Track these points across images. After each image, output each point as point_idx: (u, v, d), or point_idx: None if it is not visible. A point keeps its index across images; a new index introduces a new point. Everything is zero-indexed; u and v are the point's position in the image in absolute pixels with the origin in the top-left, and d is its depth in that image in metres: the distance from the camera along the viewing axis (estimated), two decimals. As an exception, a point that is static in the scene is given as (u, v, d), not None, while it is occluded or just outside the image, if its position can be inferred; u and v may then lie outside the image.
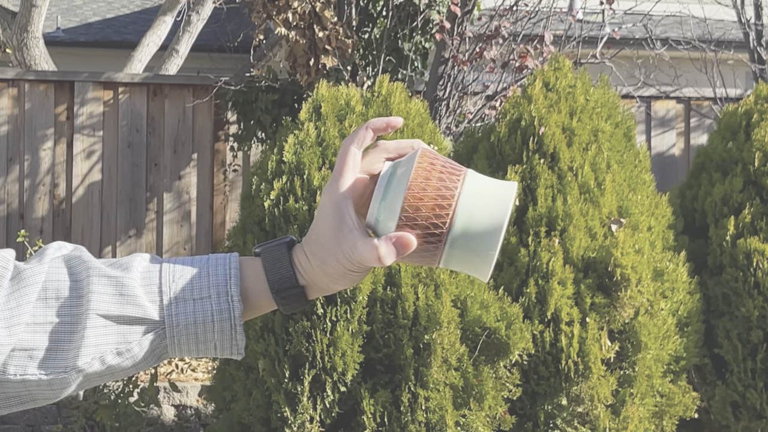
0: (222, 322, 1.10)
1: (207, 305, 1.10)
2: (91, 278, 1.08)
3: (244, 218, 4.79)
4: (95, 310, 1.07)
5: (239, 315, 1.10)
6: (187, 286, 1.11)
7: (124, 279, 1.09)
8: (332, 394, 4.33)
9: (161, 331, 1.09)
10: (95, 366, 1.07)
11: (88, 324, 1.06)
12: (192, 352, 1.12)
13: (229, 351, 1.12)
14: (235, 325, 1.11)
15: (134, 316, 1.08)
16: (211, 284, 1.11)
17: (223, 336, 1.11)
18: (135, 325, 1.08)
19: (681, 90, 7.84)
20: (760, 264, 4.99)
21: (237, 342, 1.12)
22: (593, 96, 5.16)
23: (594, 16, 8.37)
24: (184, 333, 1.10)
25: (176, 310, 1.09)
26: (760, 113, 5.42)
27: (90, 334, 1.06)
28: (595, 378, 4.59)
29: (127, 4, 15.96)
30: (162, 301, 1.09)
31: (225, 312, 1.10)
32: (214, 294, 1.10)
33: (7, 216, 7.25)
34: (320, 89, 4.91)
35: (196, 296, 1.10)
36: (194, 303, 1.10)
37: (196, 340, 1.10)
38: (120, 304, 1.08)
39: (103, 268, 1.09)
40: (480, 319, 4.46)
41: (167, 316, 1.09)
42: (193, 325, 1.10)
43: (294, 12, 6.14)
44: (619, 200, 4.94)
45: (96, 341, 1.06)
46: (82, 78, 7.54)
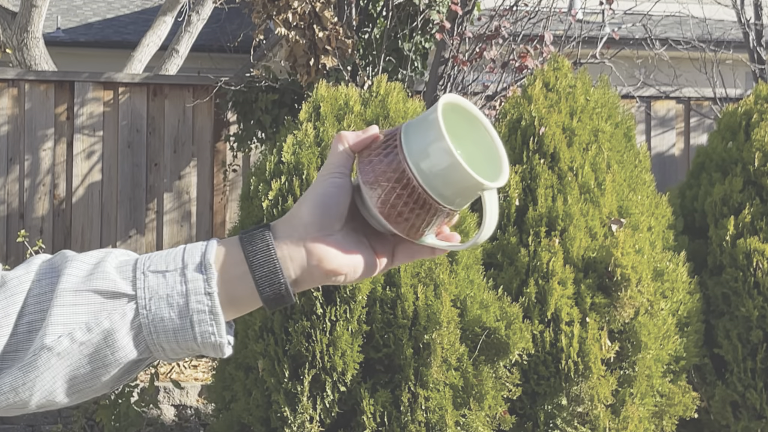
0: (198, 295, 1.06)
1: (178, 277, 1.06)
2: (67, 263, 1.07)
3: (243, 218, 4.79)
4: (63, 289, 1.04)
5: (215, 286, 1.06)
6: (161, 262, 1.08)
7: (99, 263, 1.07)
8: (332, 394, 4.33)
9: (133, 304, 1.05)
10: (64, 343, 1.03)
11: (55, 302, 1.04)
12: (169, 336, 1.06)
13: (211, 337, 1.07)
14: (209, 293, 1.06)
15: (104, 289, 1.05)
16: (187, 257, 1.08)
17: (202, 314, 1.06)
18: (106, 300, 1.05)
19: (681, 90, 7.84)
20: (759, 264, 4.99)
21: (217, 318, 1.06)
22: (593, 96, 5.16)
23: (594, 16, 8.37)
24: (156, 306, 1.05)
25: (148, 283, 1.06)
26: (760, 113, 5.42)
27: (56, 312, 1.03)
28: (595, 378, 4.59)
29: (127, 4, 15.96)
30: (135, 277, 1.06)
31: (199, 281, 1.06)
32: (190, 264, 1.07)
33: (7, 216, 7.25)
34: (319, 89, 4.91)
35: (170, 268, 1.07)
36: (167, 275, 1.07)
37: (171, 319, 1.05)
38: (89, 280, 1.05)
39: (83, 257, 1.08)
40: (480, 318, 4.46)
41: (139, 289, 1.05)
42: (165, 299, 1.06)
43: (294, 12, 6.14)
44: (619, 200, 4.94)
45: (64, 319, 1.03)
46: (82, 78, 7.54)
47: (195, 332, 1.06)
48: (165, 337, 1.06)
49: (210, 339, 1.07)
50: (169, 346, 1.07)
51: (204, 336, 1.07)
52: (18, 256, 6.98)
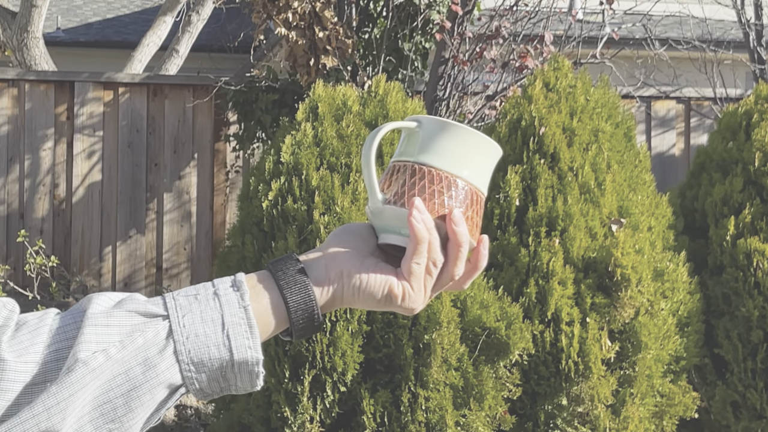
0: (232, 308, 1.05)
1: (210, 295, 1.06)
2: (93, 297, 1.05)
3: (243, 218, 4.79)
4: (93, 313, 1.02)
5: (249, 300, 1.06)
6: (189, 290, 1.07)
7: (126, 296, 1.06)
8: (332, 394, 4.33)
9: (166, 323, 1.03)
10: (99, 359, 0.99)
11: (87, 323, 1.01)
12: (203, 352, 1.03)
13: (248, 351, 1.04)
14: (245, 307, 1.05)
15: (136, 310, 1.03)
16: (217, 282, 1.08)
17: (237, 327, 1.04)
18: (138, 320, 1.03)
19: (681, 90, 7.84)
20: (760, 264, 4.99)
21: (253, 331, 1.05)
22: (593, 96, 5.16)
23: (594, 16, 8.37)
24: (190, 322, 1.03)
25: (179, 303, 1.05)
26: (761, 113, 5.42)
27: (89, 331, 1.01)
28: (595, 378, 4.59)
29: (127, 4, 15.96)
30: (165, 301, 1.05)
31: (231, 294, 1.06)
32: (221, 286, 1.07)
33: (7, 216, 7.25)
34: (317, 89, 4.91)
35: (201, 292, 1.07)
36: (198, 297, 1.06)
37: (206, 334, 1.03)
38: (118, 306, 1.04)
39: (107, 293, 1.06)
40: (480, 319, 4.45)
41: (171, 308, 1.04)
42: (199, 315, 1.04)
43: (294, 12, 6.14)
44: (620, 200, 4.94)
45: (97, 338, 1.00)
46: (83, 78, 7.54)
47: (231, 345, 1.04)
48: (198, 355, 1.03)
49: (246, 353, 1.04)
50: (202, 367, 1.03)
51: (240, 350, 1.04)
52: (18, 256, 6.98)
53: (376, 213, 1.15)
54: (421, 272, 1.12)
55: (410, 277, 1.12)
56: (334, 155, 4.68)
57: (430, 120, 1.15)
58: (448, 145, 1.13)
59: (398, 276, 1.13)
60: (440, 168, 1.13)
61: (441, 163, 1.13)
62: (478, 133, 1.15)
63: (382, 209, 1.14)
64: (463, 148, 1.13)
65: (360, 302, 1.12)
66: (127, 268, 7.36)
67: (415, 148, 1.14)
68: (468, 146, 1.13)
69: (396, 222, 1.13)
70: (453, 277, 1.14)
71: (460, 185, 1.13)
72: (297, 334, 1.10)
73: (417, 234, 1.10)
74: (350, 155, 4.68)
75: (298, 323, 1.09)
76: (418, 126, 1.15)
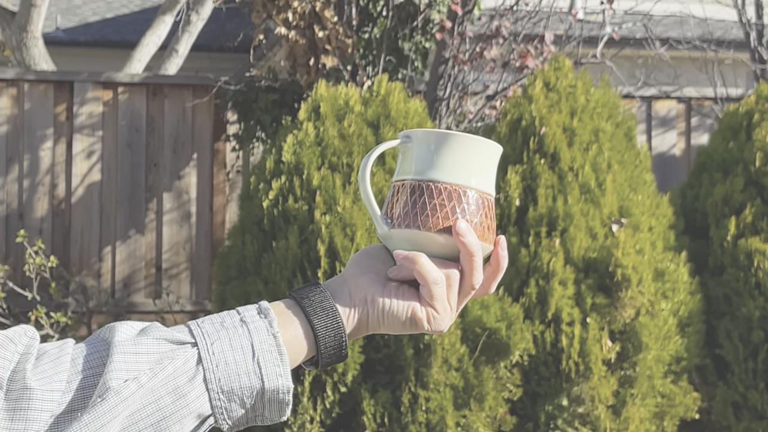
0: (260, 335, 1.03)
1: (238, 322, 1.04)
2: (115, 326, 1.03)
3: (243, 218, 4.78)
4: (121, 341, 1.00)
5: (278, 328, 1.04)
6: (214, 318, 1.05)
7: (149, 325, 1.04)
8: (332, 395, 4.32)
9: (194, 350, 1.01)
10: (131, 388, 0.97)
11: (116, 350, 0.99)
12: (233, 381, 1.01)
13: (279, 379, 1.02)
14: (274, 335, 1.03)
15: (163, 337, 1.01)
16: (242, 310, 1.05)
17: (268, 355, 1.02)
18: (166, 348, 1.00)
19: (682, 90, 7.83)
20: (761, 264, 4.98)
21: (283, 359, 1.02)
22: (594, 96, 5.15)
23: (594, 15, 8.36)
24: (219, 350, 1.01)
25: (206, 330, 1.02)
26: (761, 113, 5.41)
27: (118, 359, 0.98)
28: (595, 378, 4.58)
29: (126, 3, 15.95)
30: (190, 329, 1.03)
31: (259, 321, 1.04)
32: (247, 314, 1.05)
33: (6, 216, 7.24)
34: (319, 89, 4.90)
35: (226, 320, 1.04)
36: (225, 323, 1.03)
37: (236, 361, 1.00)
38: (144, 334, 1.02)
39: (127, 323, 1.04)
40: (480, 319, 4.44)
41: (197, 335, 1.02)
42: (228, 342, 1.01)
43: (294, 12, 6.13)
44: (620, 200, 4.93)
45: (126, 366, 0.98)
46: (82, 78, 7.53)
47: (262, 374, 1.02)
48: (228, 383, 1.01)
49: (277, 382, 1.02)
50: (232, 395, 1.01)
51: (270, 379, 1.02)
52: (17, 257, 6.96)
53: (386, 238, 1.14)
54: (442, 294, 1.11)
55: (432, 301, 1.11)
56: (336, 155, 4.67)
57: (421, 133, 1.13)
58: (443, 155, 1.11)
59: (421, 300, 1.11)
60: (438, 180, 1.11)
61: (439, 175, 1.11)
62: (472, 138, 1.12)
63: (390, 234, 1.12)
64: (460, 155, 1.11)
65: (385, 327, 1.11)
66: (126, 269, 7.35)
67: (411, 164, 1.12)
68: (464, 152, 1.11)
69: (406, 245, 1.11)
70: (474, 286, 1.12)
71: (463, 193, 1.11)
72: (324, 362, 1.08)
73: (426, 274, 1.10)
74: (352, 155, 4.67)
75: (326, 351, 1.07)
76: (408, 141, 1.13)
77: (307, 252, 4.44)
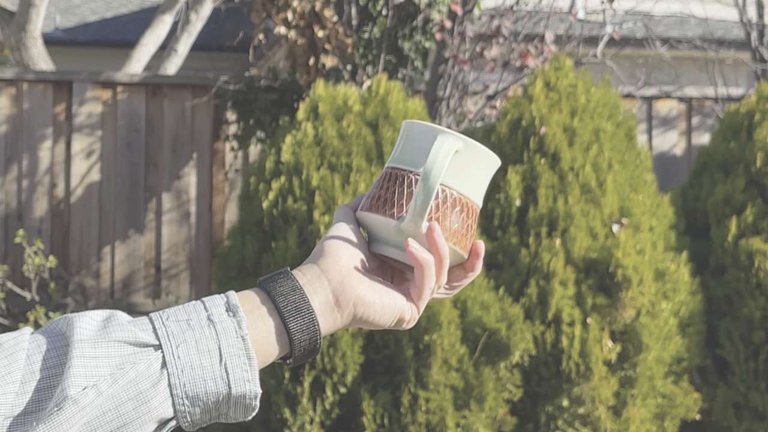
0: (229, 338, 0.98)
1: (205, 322, 0.99)
2: (73, 320, 0.97)
3: (243, 218, 4.77)
4: (80, 340, 0.94)
5: (247, 329, 0.99)
6: (180, 313, 0.99)
7: (108, 316, 0.98)
8: (332, 396, 4.31)
9: (159, 353, 0.96)
10: (90, 396, 0.93)
11: (75, 354, 0.94)
12: (199, 386, 0.97)
13: (246, 384, 0.98)
14: (243, 337, 0.99)
15: (125, 339, 0.96)
16: (209, 305, 1.00)
17: (236, 359, 0.98)
18: (129, 350, 0.96)
19: (683, 90, 7.82)
20: (762, 264, 4.97)
21: (251, 363, 0.98)
22: (594, 96, 5.14)
23: (595, 15, 8.35)
24: (185, 353, 0.97)
25: (171, 330, 0.97)
26: (762, 113, 5.40)
27: (77, 363, 0.94)
28: (596, 379, 4.56)
29: (125, 3, 15.94)
30: (155, 328, 0.97)
31: (227, 321, 0.99)
32: (215, 310, 1.00)
33: (5, 216, 7.23)
34: (317, 89, 4.89)
35: (193, 316, 0.99)
36: (191, 323, 0.98)
37: (202, 366, 0.97)
38: (106, 332, 0.96)
39: (88, 313, 0.99)
40: (480, 319, 4.43)
41: (162, 337, 0.97)
42: (194, 345, 0.97)
43: (293, 11, 6.12)
44: (621, 200, 4.92)
45: (86, 371, 0.94)
46: (81, 78, 7.52)
47: (229, 379, 0.98)
48: (193, 388, 0.97)
49: (244, 387, 0.99)
50: (197, 401, 0.97)
51: (238, 384, 0.98)
52: (16, 257, 6.95)
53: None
54: (429, 295, 1.09)
55: (420, 302, 1.08)
56: (335, 155, 4.66)
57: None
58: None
59: (407, 298, 1.09)
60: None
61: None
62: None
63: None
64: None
65: (366, 326, 1.08)
66: (125, 269, 7.34)
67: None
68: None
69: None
70: (440, 286, 1.10)
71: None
72: (295, 362, 1.04)
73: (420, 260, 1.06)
74: (351, 155, 4.66)
75: (300, 353, 1.03)
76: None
77: (306, 252, 4.43)
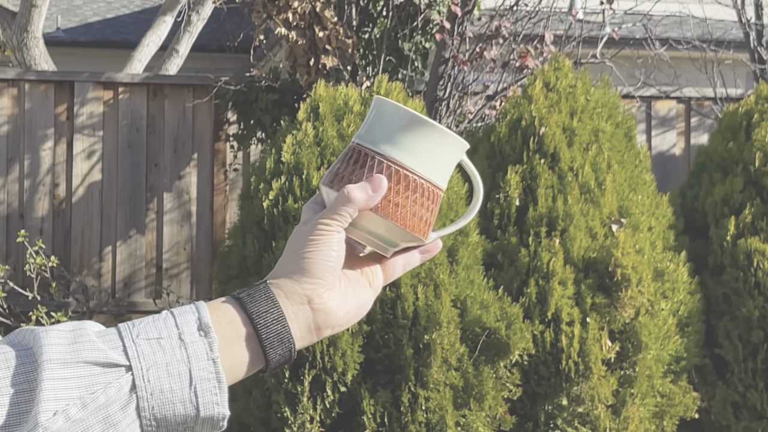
0: (200, 362, 0.97)
1: (176, 342, 0.97)
2: (39, 335, 0.96)
3: (243, 218, 4.78)
4: (49, 360, 0.94)
5: (216, 347, 0.98)
6: (151, 329, 0.98)
7: (76, 330, 0.97)
8: (332, 394, 4.32)
9: (129, 376, 0.95)
10: (59, 422, 0.92)
11: (44, 376, 0.93)
12: (167, 410, 0.97)
13: (215, 407, 0.98)
14: (213, 360, 0.97)
15: (94, 360, 0.95)
16: (180, 321, 0.99)
17: (205, 383, 0.97)
18: (97, 372, 0.95)
19: (681, 90, 7.84)
20: (760, 264, 4.99)
21: (221, 386, 0.98)
22: (594, 96, 5.15)
23: (594, 16, 8.37)
24: (155, 377, 0.96)
25: (142, 351, 0.96)
26: (761, 113, 5.42)
27: (47, 386, 0.93)
28: (595, 378, 4.58)
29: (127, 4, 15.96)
30: (125, 346, 0.96)
31: (199, 343, 0.98)
32: (186, 329, 0.98)
33: (7, 216, 7.25)
34: (318, 89, 4.91)
35: (164, 335, 0.98)
36: (162, 342, 0.97)
37: (172, 390, 0.96)
38: (76, 351, 0.95)
39: (54, 327, 0.98)
40: (480, 319, 4.45)
41: (133, 358, 0.96)
42: (165, 368, 0.96)
43: (294, 12, 6.14)
44: (620, 200, 4.93)
45: (56, 395, 0.93)
46: (82, 78, 7.54)
47: (198, 403, 0.97)
48: (162, 411, 0.97)
49: (213, 410, 0.98)
50: (165, 422, 0.97)
51: (207, 407, 0.98)
52: (18, 257, 6.97)
53: None
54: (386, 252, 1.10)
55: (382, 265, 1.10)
56: (335, 155, 4.68)
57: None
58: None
59: (374, 289, 1.10)
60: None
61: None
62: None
63: None
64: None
65: None
66: (127, 268, 7.36)
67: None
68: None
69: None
70: None
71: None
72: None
73: None
74: (350, 155, 4.67)
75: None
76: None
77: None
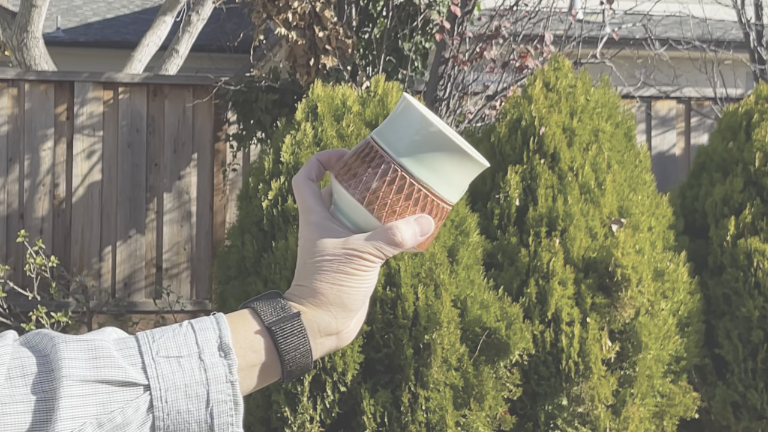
0: (219, 384, 0.98)
1: (195, 363, 0.98)
2: (58, 345, 0.95)
3: (242, 218, 4.78)
4: (68, 377, 0.94)
5: (236, 370, 0.98)
6: (171, 345, 0.98)
7: (95, 342, 0.96)
8: (332, 394, 4.32)
9: (147, 396, 0.96)
10: None
11: (62, 393, 0.93)
12: (180, 426, 0.97)
13: (230, 428, 0.99)
14: (232, 382, 0.98)
15: (113, 379, 0.95)
16: (201, 339, 0.99)
17: (223, 405, 0.98)
18: (115, 390, 0.95)
19: (681, 90, 7.84)
20: (760, 264, 4.99)
21: (238, 409, 0.98)
22: (594, 96, 5.15)
23: (594, 16, 8.37)
24: (173, 399, 0.96)
25: (161, 371, 0.96)
26: (761, 113, 5.42)
27: (65, 404, 0.93)
28: (595, 378, 4.58)
29: (127, 4, 15.96)
30: (144, 364, 0.96)
31: (219, 366, 0.98)
32: (207, 349, 0.98)
33: (7, 216, 7.25)
34: (316, 89, 4.90)
35: (184, 353, 0.98)
36: (182, 361, 0.97)
37: (189, 411, 0.97)
38: (95, 368, 0.95)
39: (70, 336, 0.98)
40: (480, 319, 4.45)
41: (152, 378, 0.96)
42: (183, 389, 0.96)
43: (294, 12, 6.14)
44: (620, 200, 4.93)
45: (73, 413, 0.93)
46: (82, 78, 7.54)
47: (213, 424, 0.98)
48: (176, 430, 0.97)
49: (227, 431, 0.99)
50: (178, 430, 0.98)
51: (221, 429, 0.99)
52: (18, 257, 6.98)
53: None
54: None
55: None
56: (334, 155, 4.67)
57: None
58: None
59: None
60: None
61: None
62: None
63: None
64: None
65: None
66: (127, 268, 7.36)
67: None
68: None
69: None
70: None
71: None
72: None
73: None
74: (350, 155, 4.67)
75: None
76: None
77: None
